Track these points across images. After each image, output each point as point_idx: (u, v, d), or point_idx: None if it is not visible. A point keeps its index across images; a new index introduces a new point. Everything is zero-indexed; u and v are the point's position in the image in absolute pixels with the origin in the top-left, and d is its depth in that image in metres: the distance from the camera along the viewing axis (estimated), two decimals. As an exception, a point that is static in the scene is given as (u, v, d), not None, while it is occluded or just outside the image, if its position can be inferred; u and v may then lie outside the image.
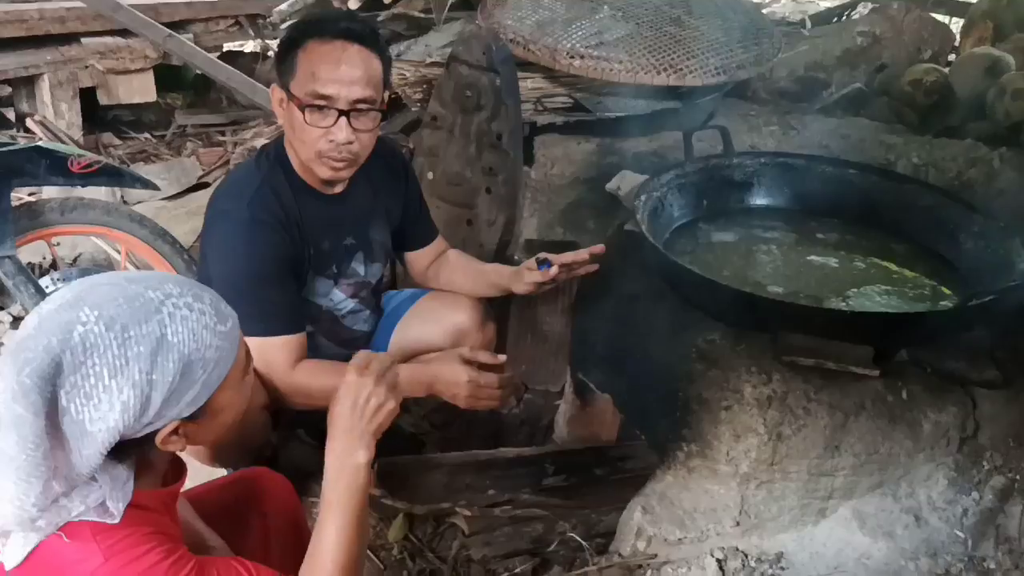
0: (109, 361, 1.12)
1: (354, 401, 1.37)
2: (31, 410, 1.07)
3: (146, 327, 1.15)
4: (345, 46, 1.88)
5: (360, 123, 1.93)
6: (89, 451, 1.13)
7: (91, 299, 1.15)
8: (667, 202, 2.49)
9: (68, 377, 1.11)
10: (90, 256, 3.35)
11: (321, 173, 1.99)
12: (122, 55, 4.86)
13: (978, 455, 2.09)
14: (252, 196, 1.96)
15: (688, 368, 2.09)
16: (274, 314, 1.96)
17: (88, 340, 1.12)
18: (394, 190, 2.23)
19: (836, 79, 4.23)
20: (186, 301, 1.20)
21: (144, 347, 1.14)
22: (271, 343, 1.95)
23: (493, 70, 2.87)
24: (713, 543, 2.04)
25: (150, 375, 1.15)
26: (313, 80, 1.87)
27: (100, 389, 1.12)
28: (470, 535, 2.18)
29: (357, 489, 1.35)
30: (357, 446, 1.36)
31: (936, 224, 2.47)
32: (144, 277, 1.23)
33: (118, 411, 1.13)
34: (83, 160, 2.66)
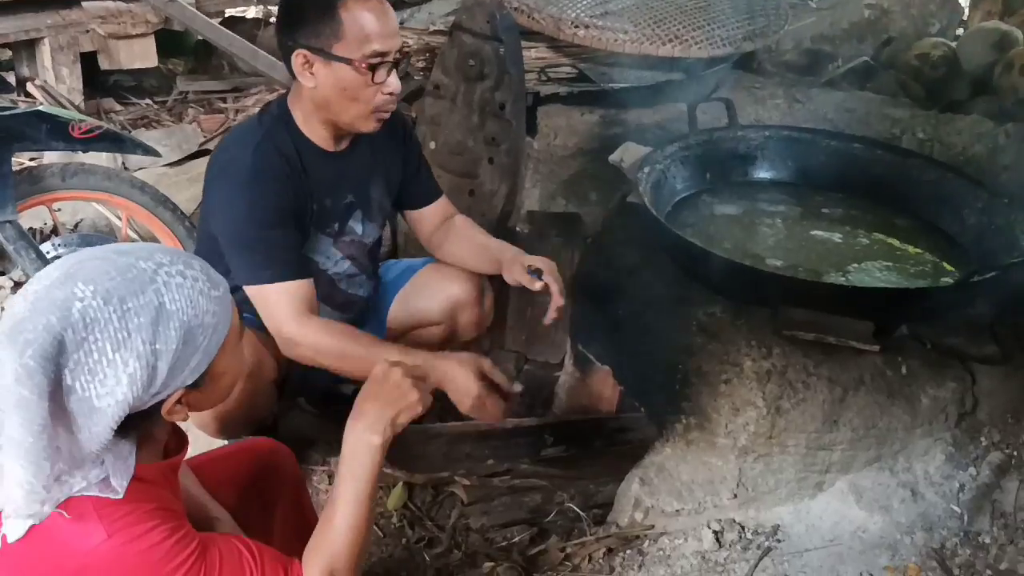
0: (111, 335, 1.12)
1: (379, 387, 1.39)
2: (36, 392, 1.06)
3: (143, 297, 1.14)
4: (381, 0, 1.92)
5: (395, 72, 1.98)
6: (98, 428, 1.13)
7: (83, 274, 1.14)
8: (670, 174, 2.49)
9: (71, 355, 1.10)
10: (91, 222, 3.34)
11: (368, 128, 2.00)
12: (123, 20, 4.82)
13: (976, 431, 2.09)
14: (255, 148, 1.96)
15: (688, 341, 2.09)
16: (280, 260, 1.95)
17: (88, 315, 1.11)
18: (394, 149, 2.23)
19: (843, 52, 4.20)
20: (178, 269, 1.20)
21: (144, 317, 1.14)
22: (278, 289, 1.94)
23: (497, 39, 2.85)
24: (710, 515, 2.05)
25: (154, 345, 1.14)
26: (368, 40, 1.88)
27: (105, 364, 1.12)
28: (469, 504, 2.19)
29: (368, 468, 1.37)
30: (375, 429, 1.37)
31: (940, 199, 2.46)
32: (131, 248, 1.22)
33: (125, 384, 1.13)
34: (84, 125, 2.65)
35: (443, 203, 2.37)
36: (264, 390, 2.10)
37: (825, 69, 4.02)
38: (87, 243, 2.75)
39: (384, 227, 2.34)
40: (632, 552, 2.03)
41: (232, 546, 1.25)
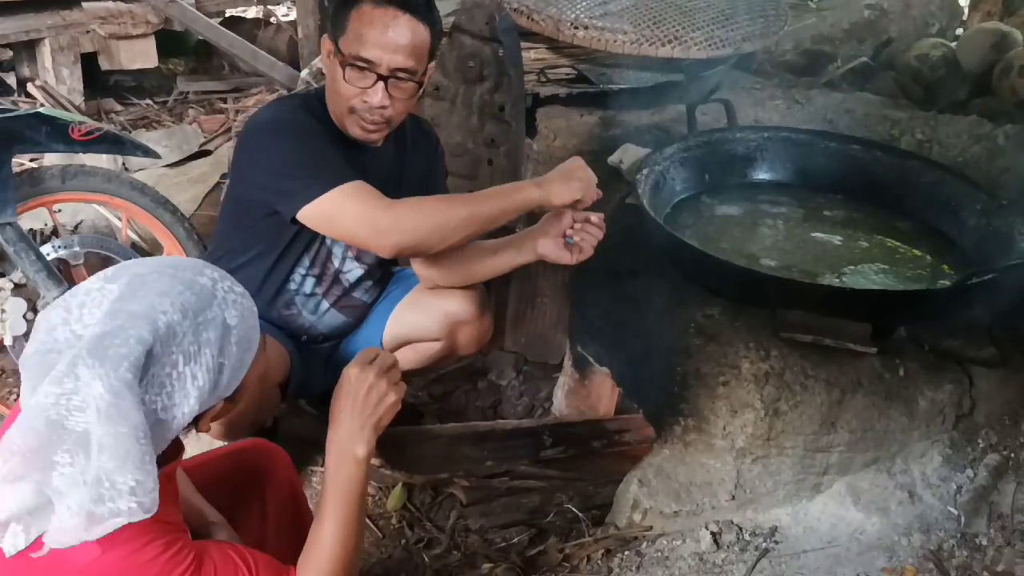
0: (185, 348, 1.14)
1: (355, 394, 1.37)
2: (135, 402, 1.09)
3: (210, 312, 1.17)
4: (396, 14, 1.88)
5: (397, 91, 1.94)
6: (160, 440, 1.15)
7: (154, 287, 1.15)
8: (669, 176, 2.49)
9: (150, 369, 1.12)
10: (91, 223, 3.34)
11: (352, 131, 1.99)
12: (124, 20, 4.82)
13: (973, 433, 2.10)
14: (293, 108, 1.99)
15: (686, 343, 2.10)
16: (340, 167, 1.90)
17: (172, 329, 1.13)
18: (421, 161, 2.22)
19: (842, 53, 4.20)
20: (228, 284, 1.23)
21: (212, 332, 1.16)
22: (350, 189, 1.86)
23: (496, 40, 2.85)
24: (708, 516, 2.06)
25: (220, 359, 1.17)
26: (359, 42, 1.89)
27: (174, 377, 1.14)
28: (468, 505, 2.20)
29: (356, 482, 1.37)
30: (357, 439, 1.37)
31: (938, 201, 2.47)
32: (181, 263, 1.24)
33: (194, 397, 1.15)
34: (84, 127, 2.64)
35: None
36: (269, 394, 2.11)
37: (824, 70, 4.02)
38: (87, 245, 2.75)
39: None
40: (630, 553, 2.04)
41: (227, 556, 1.25)
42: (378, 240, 1.87)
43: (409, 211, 1.88)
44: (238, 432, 2.08)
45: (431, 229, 1.88)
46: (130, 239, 3.00)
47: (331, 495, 1.36)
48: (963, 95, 3.79)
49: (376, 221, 1.85)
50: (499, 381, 2.88)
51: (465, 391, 2.84)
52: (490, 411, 2.77)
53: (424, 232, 1.88)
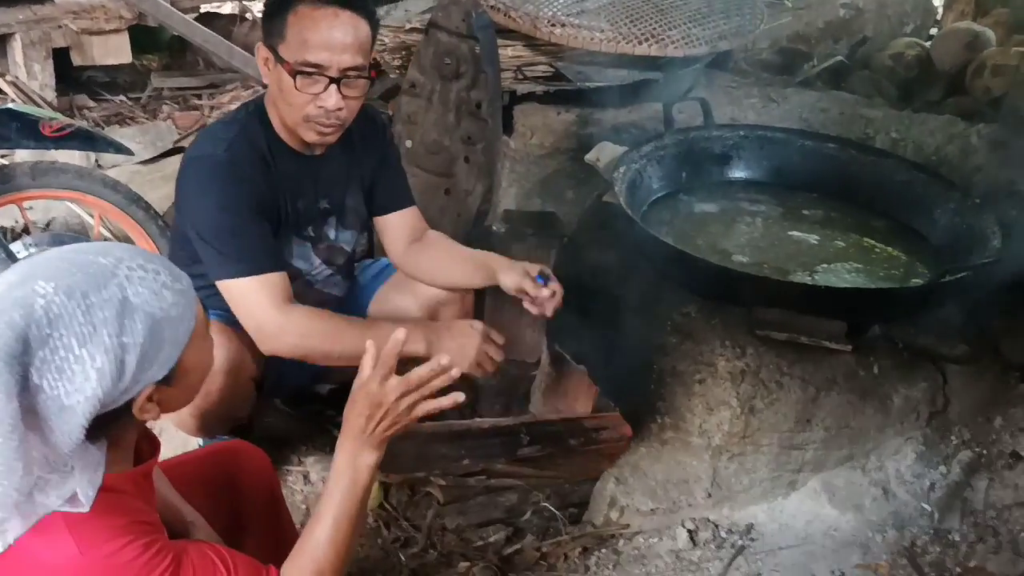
0: (76, 330, 1.10)
1: (371, 414, 1.35)
2: (3, 391, 1.04)
3: (106, 292, 1.13)
4: (337, 12, 1.85)
5: (349, 90, 1.91)
6: (69, 426, 1.11)
7: (43, 273, 1.12)
8: (646, 174, 2.49)
9: (36, 352, 1.08)
10: (63, 221, 3.31)
11: (308, 137, 1.97)
12: (96, 15, 4.76)
13: (947, 430, 2.12)
14: (230, 142, 1.94)
15: (663, 341, 2.10)
16: (254, 251, 1.91)
17: (51, 311, 1.09)
18: (370, 153, 2.20)
19: (818, 52, 4.23)
20: (138, 263, 1.18)
21: (108, 311, 1.12)
22: (254, 282, 1.88)
23: (472, 37, 2.84)
24: (685, 514, 2.07)
25: (120, 338, 1.13)
26: (304, 47, 1.85)
27: (71, 360, 1.10)
28: (444, 504, 2.19)
29: (361, 487, 1.36)
30: (368, 449, 1.36)
31: (912, 200, 2.48)
32: (89, 247, 1.21)
33: (95, 379, 1.11)
34: (55, 123, 2.62)
35: (414, 214, 2.29)
36: (243, 387, 2.09)
37: (800, 69, 4.05)
38: (59, 242, 2.71)
39: (363, 233, 2.32)
40: (607, 551, 2.04)
41: (206, 556, 1.24)
42: (261, 343, 1.91)
43: (302, 317, 1.89)
44: (212, 426, 2.07)
45: (317, 337, 1.89)
46: (102, 236, 2.97)
47: (333, 496, 1.34)
48: (937, 94, 3.82)
49: (262, 325, 1.89)
50: (476, 379, 2.87)
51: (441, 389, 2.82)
52: (467, 409, 2.76)
53: (304, 350, 1.91)
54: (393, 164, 2.27)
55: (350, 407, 1.36)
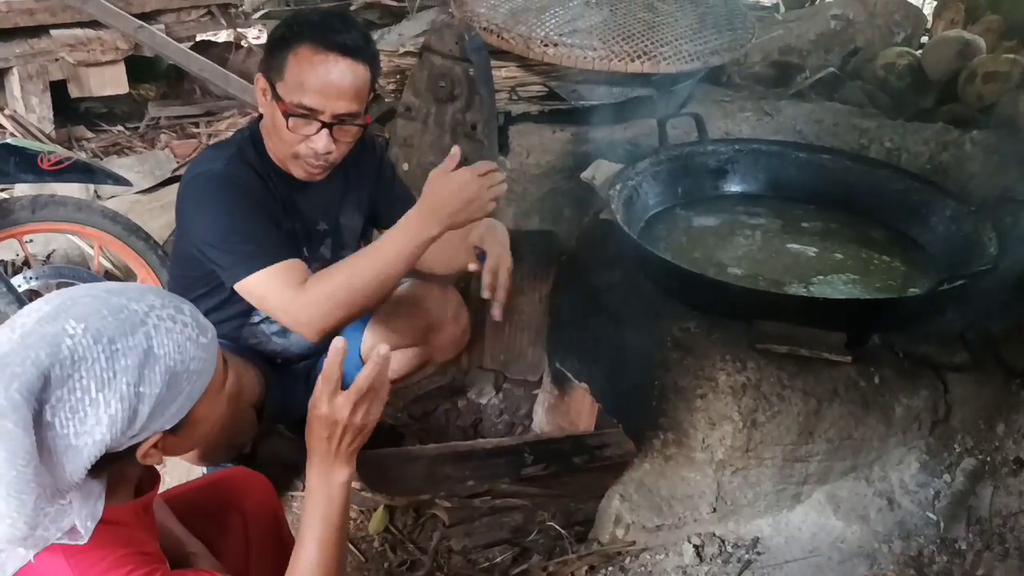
0: (97, 374, 1.11)
1: (330, 434, 1.35)
2: (21, 425, 1.05)
3: (133, 339, 1.14)
4: (337, 59, 1.86)
5: (342, 134, 1.94)
6: (73, 466, 1.12)
7: (75, 312, 1.14)
8: (642, 191, 2.51)
9: (54, 392, 1.09)
10: (63, 253, 3.32)
11: (295, 173, 1.99)
12: (93, 47, 4.79)
13: (949, 438, 2.12)
14: (228, 160, 1.96)
15: (664, 356, 2.10)
16: (266, 245, 1.89)
17: (77, 353, 1.11)
18: (365, 173, 2.22)
19: (810, 63, 4.24)
20: (169, 313, 1.20)
21: (131, 360, 1.14)
22: (273, 271, 1.85)
23: (466, 59, 2.86)
24: (690, 529, 2.06)
25: (138, 387, 1.14)
26: (300, 89, 1.87)
27: (87, 403, 1.11)
28: (450, 526, 2.19)
29: (338, 505, 1.36)
30: (337, 467, 1.37)
31: (909, 208, 2.49)
32: (124, 289, 1.22)
33: (105, 425, 1.12)
34: (53, 157, 2.63)
35: None
36: (244, 413, 2.09)
37: (793, 81, 4.06)
38: (59, 275, 2.73)
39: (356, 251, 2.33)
40: (614, 569, 2.04)
41: None
42: (299, 329, 1.86)
43: (318, 284, 1.84)
44: (214, 455, 2.07)
45: (340, 292, 1.83)
46: (103, 268, 2.98)
47: (312, 519, 1.35)
48: (930, 102, 3.83)
49: (289, 311, 1.85)
50: (479, 400, 2.88)
51: (445, 411, 2.83)
52: (471, 430, 2.77)
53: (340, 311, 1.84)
54: (390, 178, 2.28)
55: (309, 433, 1.37)
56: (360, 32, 1.94)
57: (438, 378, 2.88)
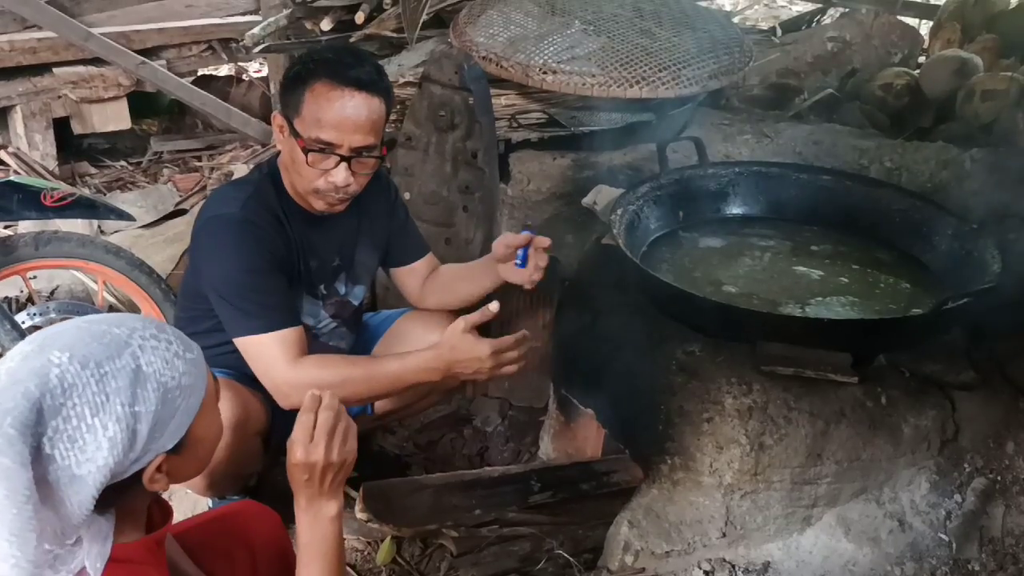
0: (89, 399, 1.11)
1: (310, 478, 1.38)
2: (18, 460, 1.05)
3: (120, 361, 1.15)
4: (353, 94, 1.90)
5: (360, 167, 1.98)
6: (80, 496, 1.11)
7: (58, 343, 1.14)
8: (643, 215, 2.51)
9: (50, 422, 1.09)
10: (68, 289, 3.33)
11: (316, 206, 2.03)
12: (95, 83, 4.84)
13: (959, 457, 2.10)
14: (244, 202, 1.98)
15: (669, 381, 2.09)
16: (271, 307, 1.95)
17: (66, 381, 1.10)
18: (380, 211, 2.25)
19: (808, 85, 4.26)
20: (151, 333, 1.21)
21: (122, 380, 1.14)
22: (269, 339, 1.93)
23: (466, 89, 2.88)
24: (700, 555, 2.04)
25: (133, 407, 1.14)
26: (318, 125, 1.90)
27: (84, 429, 1.11)
28: (458, 556, 2.17)
29: (332, 540, 1.38)
30: (324, 503, 1.39)
31: (911, 228, 2.49)
32: (104, 317, 1.23)
33: (106, 448, 1.12)
34: (57, 193, 2.65)
35: (431, 258, 2.39)
36: (250, 442, 2.09)
37: (791, 103, 4.08)
38: (63, 311, 2.74)
39: (369, 287, 2.36)
40: (624, 597, 2.02)
41: None
42: (279, 394, 1.94)
43: (312, 368, 1.94)
44: (221, 485, 2.07)
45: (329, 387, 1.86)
46: (107, 303, 2.98)
47: (310, 557, 1.36)
48: (928, 122, 3.85)
49: (277, 383, 1.94)
50: (484, 427, 2.86)
51: (451, 439, 2.82)
52: (477, 458, 2.75)
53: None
54: (403, 218, 2.33)
55: (291, 481, 1.40)
56: (373, 66, 1.98)
57: (443, 407, 2.87)
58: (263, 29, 4.33)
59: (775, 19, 6.01)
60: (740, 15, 6.62)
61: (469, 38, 3.22)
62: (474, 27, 3.28)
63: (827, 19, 5.35)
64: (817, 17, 5.44)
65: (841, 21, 4.81)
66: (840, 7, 5.16)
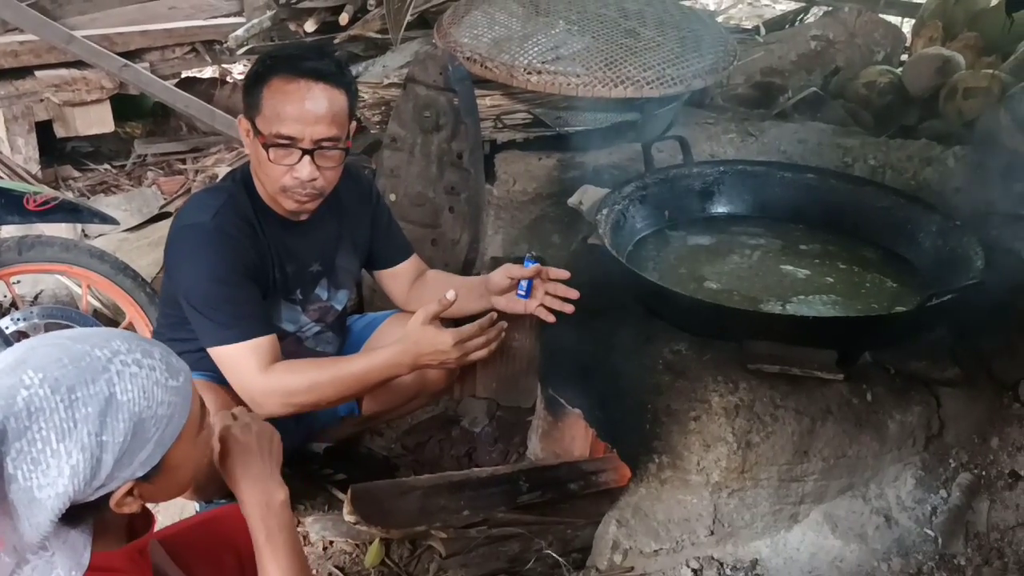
0: (56, 424, 1.09)
1: (249, 450, 1.41)
2: None
3: (94, 387, 1.12)
4: (310, 85, 1.89)
5: (324, 160, 1.95)
6: (38, 519, 1.10)
7: (34, 361, 1.11)
8: (629, 215, 2.51)
9: (13, 443, 1.07)
10: (52, 293, 3.31)
11: (287, 206, 2.01)
12: (78, 87, 4.80)
13: (944, 453, 2.12)
14: (217, 210, 1.98)
15: (656, 380, 2.10)
16: (243, 317, 1.95)
17: (33, 404, 1.08)
18: (360, 215, 2.24)
19: (792, 84, 4.27)
20: (135, 358, 1.17)
21: (92, 408, 1.11)
22: (242, 348, 1.93)
23: (450, 89, 2.88)
24: (688, 553, 2.05)
25: (99, 436, 1.11)
26: (278, 119, 1.89)
27: (48, 454, 1.09)
28: (447, 557, 2.17)
29: (287, 527, 1.39)
30: (271, 487, 1.41)
31: (895, 225, 2.50)
32: (90, 335, 1.20)
33: (67, 476, 1.10)
34: (40, 197, 2.63)
35: (415, 260, 2.39)
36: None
37: (776, 101, 4.08)
38: (47, 316, 2.72)
39: (354, 291, 2.35)
40: (613, 596, 2.02)
41: None
42: (252, 403, 1.94)
43: (282, 375, 1.95)
44: (206, 489, 2.06)
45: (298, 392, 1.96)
46: (91, 307, 2.96)
47: (268, 546, 1.38)
48: (912, 119, 3.86)
49: (251, 392, 1.95)
50: (472, 428, 2.86)
51: (439, 441, 2.82)
52: (465, 459, 2.75)
53: (293, 398, 1.96)
54: (386, 220, 2.32)
55: (223, 467, 1.43)
56: (333, 59, 1.97)
57: (431, 408, 2.87)
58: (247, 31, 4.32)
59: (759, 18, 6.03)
60: (724, 14, 6.64)
61: (453, 39, 3.21)
62: (458, 28, 3.28)
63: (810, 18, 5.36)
64: (800, 16, 5.45)
65: (824, 20, 4.82)
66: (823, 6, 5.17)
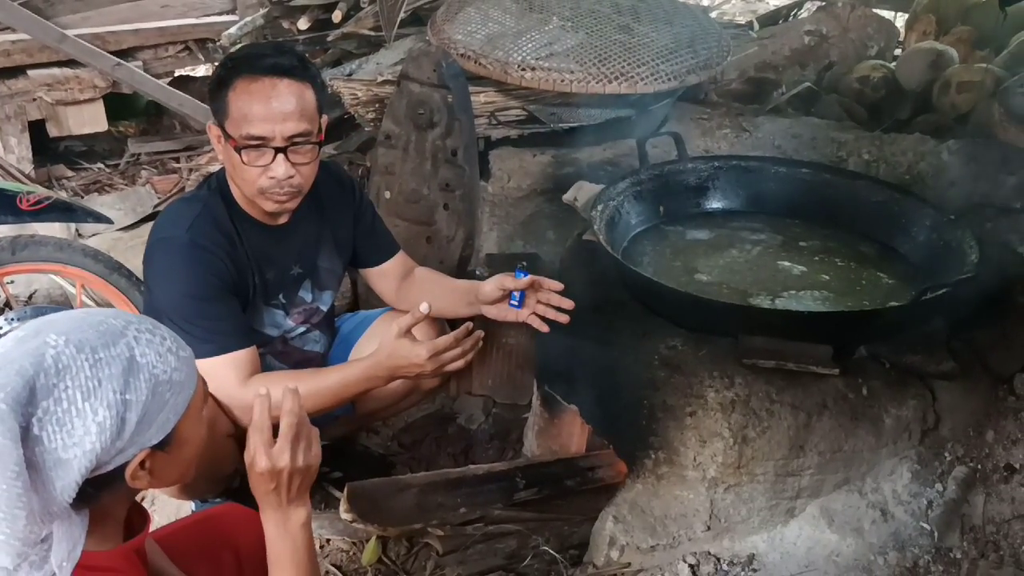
0: (82, 383, 1.11)
1: (276, 486, 1.38)
2: (9, 436, 1.04)
3: (115, 349, 1.15)
4: (274, 82, 1.87)
5: (298, 156, 1.93)
6: (64, 481, 1.11)
7: (56, 327, 1.14)
8: (624, 211, 2.51)
9: (40, 403, 1.09)
10: (45, 293, 3.30)
11: (266, 207, 1.99)
12: (70, 86, 4.79)
13: (940, 447, 2.12)
14: (192, 222, 1.96)
15: (652, 376, 2.10)
16: (221, 332, 1.95)
17: (61, 362, 1.10)
18: (342, 214, 2.23)
19: (786, 79, 4.28)
20: (147, 327, 1.21)
21: (115, 368, 1.14)
22: (221, 361, 1.93)
23: (444, 86, 2.87)
24: (685, 548, 2.05)
25: (124, 395, 1.14)
26: (246, 121, 1.86)
27: (74, 413, 1.10)
28: (444, 554, 2.17)
29: (303, 547, 1.39)
30: (292, 511, 1.40)
31: (889, 219, 2.51)
32: (100, 310, 1.24)
33: (94, 433, 1.11)
34: (33, 197, 2.62)
35: (402, 257, 2.37)
36: (221, 444, 2.07)
37: (770, 96, 4.09)
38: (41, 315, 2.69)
39: (338, 290, 2.34)
40: (610, 592, 2.02)
41: None
42: (239, 419, 1.94)
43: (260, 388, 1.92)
44: (196, 488, 2.06)
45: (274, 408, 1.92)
46: (85, 306, 2.96)
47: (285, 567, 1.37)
48: (905, 114, 3.87)
49: (234, 398, 1.94)
50: (468, 426, 2.86)
51: (435, 438, 2.81)
52: (461, 456, 2.75)
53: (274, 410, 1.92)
54: (370, 218, 2.30)
55: (255, 489, 1.40)
56: (294, 54, 1.95)
57: (427, 406, 2.87)
58: (240, 29, 4.31)
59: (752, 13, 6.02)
60: (717, 10, 6.64)
61: (447, 36, 3.21)
62: (452, 24, 3.28)
63: (804, 13, 5.37)
64: (794, 11, 5.45)
65: (818, 15, 4.82)
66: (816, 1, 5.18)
